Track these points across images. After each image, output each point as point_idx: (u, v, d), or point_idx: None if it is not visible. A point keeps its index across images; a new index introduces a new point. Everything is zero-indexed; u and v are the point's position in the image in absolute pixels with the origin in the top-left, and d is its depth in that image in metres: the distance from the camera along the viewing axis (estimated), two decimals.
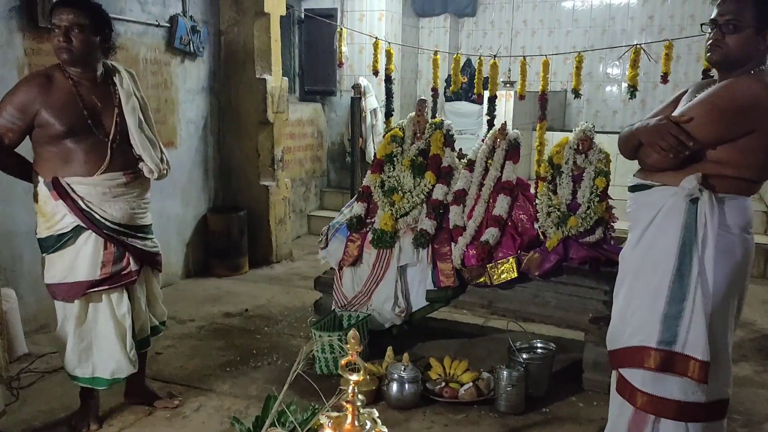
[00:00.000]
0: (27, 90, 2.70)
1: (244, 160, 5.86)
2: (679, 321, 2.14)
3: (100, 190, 2.77)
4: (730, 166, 2.12)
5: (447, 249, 3.79)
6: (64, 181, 2.73)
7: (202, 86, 5.56)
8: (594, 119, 8.90)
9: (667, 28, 8.61)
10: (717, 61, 2.21)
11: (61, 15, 2.66)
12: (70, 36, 2.66)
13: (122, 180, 2.82)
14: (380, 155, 4.17)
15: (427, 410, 3.25)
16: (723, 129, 2.10)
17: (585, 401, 3.38)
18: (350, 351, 1.69)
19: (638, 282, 2.29)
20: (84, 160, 2.74)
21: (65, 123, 2.68)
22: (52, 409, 3.22)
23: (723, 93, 2.13)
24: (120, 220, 2.84)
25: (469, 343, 4.10)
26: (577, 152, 3.73)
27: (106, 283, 2.84)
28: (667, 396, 2.20)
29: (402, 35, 8.35)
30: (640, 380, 2.25)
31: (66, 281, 2.83)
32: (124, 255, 2.88)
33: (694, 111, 2.14)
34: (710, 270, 2.11)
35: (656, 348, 2.18)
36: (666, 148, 2.13)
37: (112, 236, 2.82)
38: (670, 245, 2.16)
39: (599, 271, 3.52)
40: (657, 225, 2.22)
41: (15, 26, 3.89)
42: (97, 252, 2.81)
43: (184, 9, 5.20)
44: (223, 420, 3.13)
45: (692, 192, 2.12)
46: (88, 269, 2.80)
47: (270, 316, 4.61)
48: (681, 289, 2.14)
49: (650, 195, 2.26)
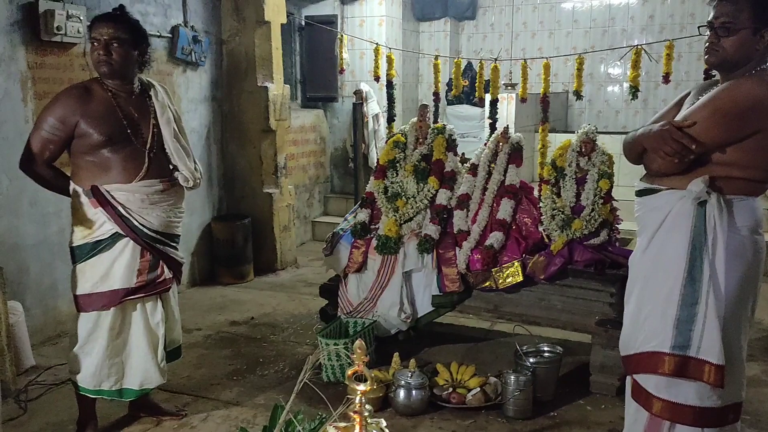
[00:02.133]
0: (66, 101, 2.76)
1: (248, 167, 5.88)
2: (692, 325, 2.13)
3: (139, 197, 2.82)
4: (737, 167, 2.11)
5: (452, 254, 3.79)
6: (104, 189, 2.78)
7: (204, 95, 5.58)
8: (596, 120, 8.90)
9: (668, 27, 8.61)
10: (714, 63, 2.21)
11: (101, 29, 2.74)
12: (110, 49, 2.74)
13: (159, 187, 2.88)
14: (383, 161, 4.17)
15: (435, 416, 3.24)
16: (727, 132, 2.09)
17: (593, 404, 3.37)
18: (357, 361, 1.69)
19: (649, 287, 2.27)
20: (122, 168, 2.80)
21: (104, 132, 2.75)
22: (60, 422, 3.22)
23: (725, 96, 2.12)
24: (157, 227, 2.88)
25: (475, 348, 4.10)
26: (580, 155, 3.73)
27: (141, 291, 2.87)
28: (682, 402, 2.18)
29: (402, 40, 8.37)
30: (654, 386, 2.24)
31: (99, 290, 2.82)
32: (159, 263, 2.93)
33: (696, 115, 2.13)
34: (722, 273, 2.10)
35: (670, 353, 2.17)
36: (670, 153, 2.12)
37: (149, 243, 2.86)
38: (680, 249, 2.15)
39: (605, 273, 3.51)
40: (666, 229, 2.21)
41: (18, 40, 3.91)
42: (134, 259, 2.84)
43: (186, 19, 5.22)
44: (230, 430, 3.12)
45: (700, 195, 2.11)
46: (124, 277, 2.82)
47: (276, 324, 4.61)
48: (693, 293, 2.13)
49: (658, 199, 2.25)
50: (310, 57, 7.46)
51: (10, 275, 3.76)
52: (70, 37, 4.10)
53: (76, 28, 4.10)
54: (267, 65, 5.74)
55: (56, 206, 4.16)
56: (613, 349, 3.34)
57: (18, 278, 3.96)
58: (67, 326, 4.30)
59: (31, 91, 4.01)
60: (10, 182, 3.89)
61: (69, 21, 4.05)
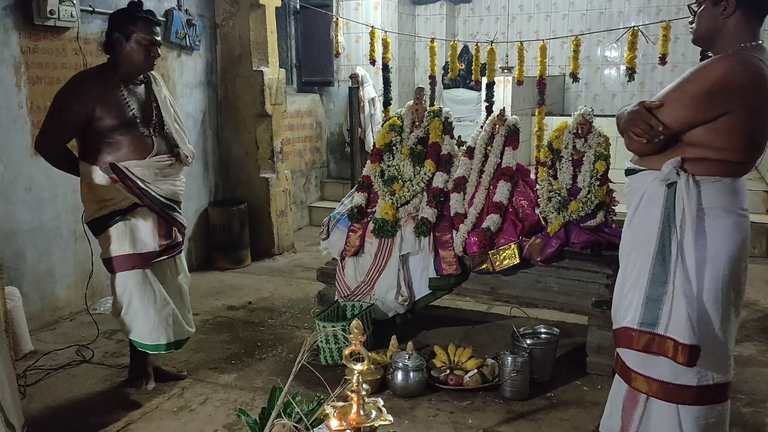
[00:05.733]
0: (86, 87, 3.00)
1: (244, 153, 5.86)
2: (661, 304, 2.16)
3: (152, 171, 3.12)
4: (710, 149, 2.10)
5: (449, 237, 3.79)
6: (122, 165, 3.04)
7: (199, 80, 5.55)
8: (593, 103, 8.89)
9: (664, 10, 8.58)
10: (694, 41, 2.29)
11: (152, 29, 3.06)
12: (157, 51, 3.09)
13: (168, 162, 3.19)
14: (379, 144, 4.16)
15: (433, 398, 3.26)
16: (694, 112, 2.08)
17: (589, 385, 3.39)
18: (354, 341, 1.69)
19: (629, 264, 2.32)
20: (135, 148, 3.08)
21: (118, 117, 3.02)
22: (59, 406, 3.23)
23: (693, 76, 2.12)
24: (169, 195, 3.23)
25: (472, 330, 4.11)
26: (576, 136, 3.72)
27: (165, 253, 3.22)
28: (656, 377, 2.22)
29: (398, 23, 8.32)
30: (633, 360, 2.29)
31: (129, 252, 3.11)
32: (172, 228, 3.27)
33: (667, 96, 2.15)
34: (690, 253, 2.11)
35: (638, 329, 2.21)
36: (638, 135, 2.15)
37: (163, 211, 3.19)
38: (653, 228, 2.18)
39: (601, 255, 3.52)
40: (642, 209, 2.25)
41: (10, 24, 3.87)
42: (155, 226, 3.18)
43: (179, 3, 5.17)
44: (229, 412, 3.14)
45: (668, 176, 2.13)
46: (149, 241, 3.16)
47: (273, 308, 4.62)
48: (662, 272, 2.16)
49: (637, 179, 2.28)
50: (306, 41, 7.41)
51: (6, 261, 3.75)
52: (63, 21, 4.06)
53: (69, 11, 4.06)
54: (262, 49, 5.70)
55: (51, 192, 4.15)
56: (609, 330, 3.35)
57: (14, 264, 3.96)
58: (65, 312, 4.33)
59: (24, 76, 3.98)
60: (5, 168, 3.88)
61: (62, 5, 4.01)
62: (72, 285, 4.36)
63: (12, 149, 3.91)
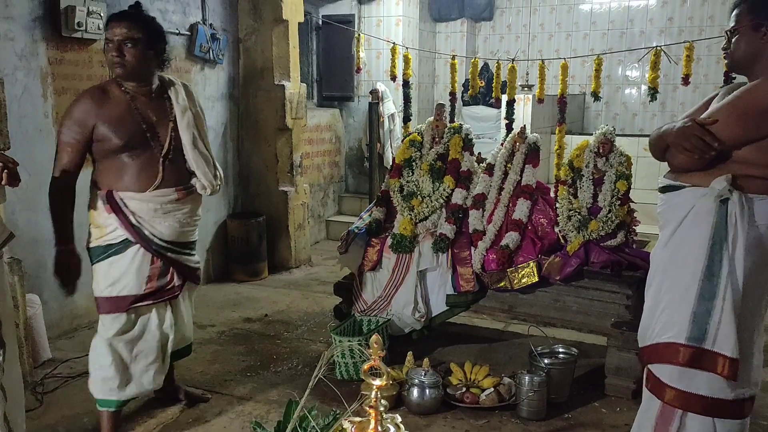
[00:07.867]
0: (83, 104, 2.70)
1: (263, 166, 5.90)
2: (709, 319, 2.17)
3: (152, 207, 2.76)
4: (756, 166, 2.14)
5: (467, 253, 3.78)
6: (118, 196, 2.73)
7: (221, 93, 5.61)
8: (613, 122, 8.84)
9: (687, 30, 8.54)
10: (729, 66, 2.36)
11: (114, 29, 2.66)
12: (123, 50, 2.66)
13: (174, 197, 2.81)
14: (399, 160, 4.17)
15: (448, 416, 3.23)
16: (746, 130, 2.13)
17: (608, 407, 3.35)
18: (373, 356, 1.68)
19: (667, 280, 2.32)
20: (137, 176, 2.74)
21: (122, 136, 2.69)
22: (76, 414, 3.25)
23: (746, 95, 2.18)
24: (168, 237, 2.83)
25: (489, 348, 4.08)
26: (597, 155, 3.70)
27: (150, 297, 2.83)
28: (693, 391, 2.23)
29: (419, 40, 8.36)
30: (667, 375, 2.28)
31: (111, 294, 2.80)
32: (169, 270, 2.87)
33: (718, 113, 2.18)
34: (740, 269, 2.14)
35: (686, 344, 2.21)
36: (691, 149, 2.17)
37: (160, 252, 2.82)
38: (700, 245, 2.19)
39: (621, 274, 3.48)
40: (687, 225, 2.25)
41: (39, 36, 3.95)
42: (145, 265, 2.80)
43: (204, 17, 5.25)
44: (244, 425, 3.13)
45: (722, 193, 2.15)
46: (134, 283, 2.78)
47: (290, 321, 4.62)
48: (711, 287, 2.17)
49: (680, 196, 2.29)
50: (327, 56, 7.47)
51: (28, 269, 3.79)
52: (90, 33, 4.14)
53: (96, 24, 4.14)
54: (284, 64, 5.75)
55: None
56: (629, 351, 3.32)
57: (36, 272, 4.00)
58: (83, 320, 4.35)
59: (51, 87, 4.05)
60: (29, 177, 3.91)
61: (89, 17, 4.08)
62: (91, 294, 4.29)
63: (37, 158, 3.96)
